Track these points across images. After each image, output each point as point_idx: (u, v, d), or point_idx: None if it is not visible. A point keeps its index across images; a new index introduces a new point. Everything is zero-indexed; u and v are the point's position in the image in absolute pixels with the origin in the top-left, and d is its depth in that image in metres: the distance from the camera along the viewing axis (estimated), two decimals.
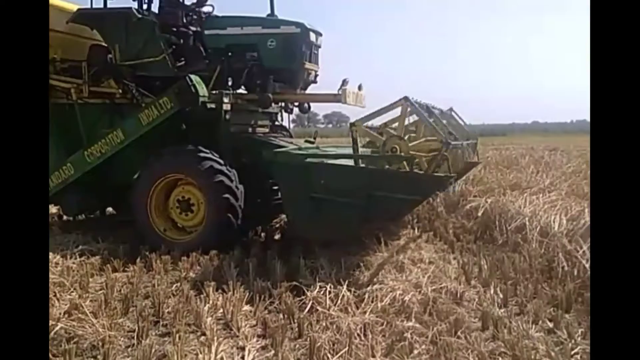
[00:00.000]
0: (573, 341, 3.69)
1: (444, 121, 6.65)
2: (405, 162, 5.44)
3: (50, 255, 5.58)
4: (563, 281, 4.81)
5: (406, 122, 6.11)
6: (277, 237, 7.06)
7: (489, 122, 62.75)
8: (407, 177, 5.22)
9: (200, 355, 3.40)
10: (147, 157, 6.48)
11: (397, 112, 6.05)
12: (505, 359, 3.46)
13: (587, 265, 4.84)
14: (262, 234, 7.08)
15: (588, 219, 5.92)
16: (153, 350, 3.49)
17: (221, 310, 4.20)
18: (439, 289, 4.65)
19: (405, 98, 5.52)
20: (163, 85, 6.66)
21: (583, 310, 4.24)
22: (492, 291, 4.69)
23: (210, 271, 5.13)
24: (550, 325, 4.00)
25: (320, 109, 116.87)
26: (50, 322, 3.73)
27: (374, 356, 3.41)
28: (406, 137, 5.83)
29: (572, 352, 3.52)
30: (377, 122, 6.34)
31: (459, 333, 3.75)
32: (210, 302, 4.33)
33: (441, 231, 6.73)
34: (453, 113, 7.85)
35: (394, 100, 5.76)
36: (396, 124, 6.08)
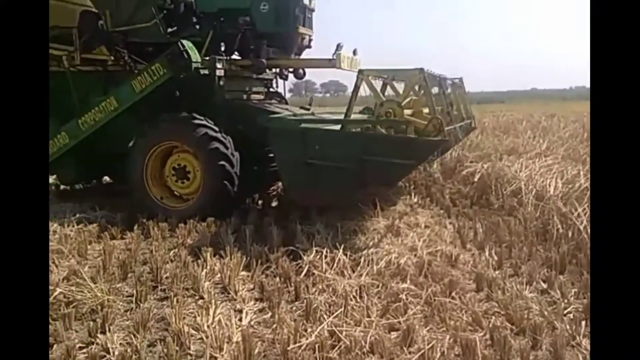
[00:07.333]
0: (566, 301, 3.76)
1: (451, 96, 6.67)
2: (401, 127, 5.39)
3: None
4: (557, 243, 4.86)
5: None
6: (274, 204, 7.07)
7: (488, 89, 62.22)
8: (401, 142, 5.17)
9: (198, 318, 3.44)
10: (141, 125, 6.44)
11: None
12: (498, 319, 3.51)
13: (582, 227, 4.89)
14: (259, 201, 7.09)
15: (583, 181, 5.95)
16: (152, 313, 3.54)
17: (219, 275, 4.23)
18: (435, 252, 4.70)
19: (420, 70, 5.42)
20: (155, 52, 6.56)
21: (577, 271, 4.29)
22: (487, 254, 4.74)
23: (207, 238, 5.15)
24: (544, 285, 4.05)
25: (317, 77, 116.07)
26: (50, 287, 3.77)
27: (369, 316, 3.46)
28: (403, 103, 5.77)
29: (565, 312, 3.58)
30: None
31: (453, 294, 3.80)
32: (208, 267, 4.36)
33: (437, 197, 6.76)
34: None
35: (409, 68, 5.69)
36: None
